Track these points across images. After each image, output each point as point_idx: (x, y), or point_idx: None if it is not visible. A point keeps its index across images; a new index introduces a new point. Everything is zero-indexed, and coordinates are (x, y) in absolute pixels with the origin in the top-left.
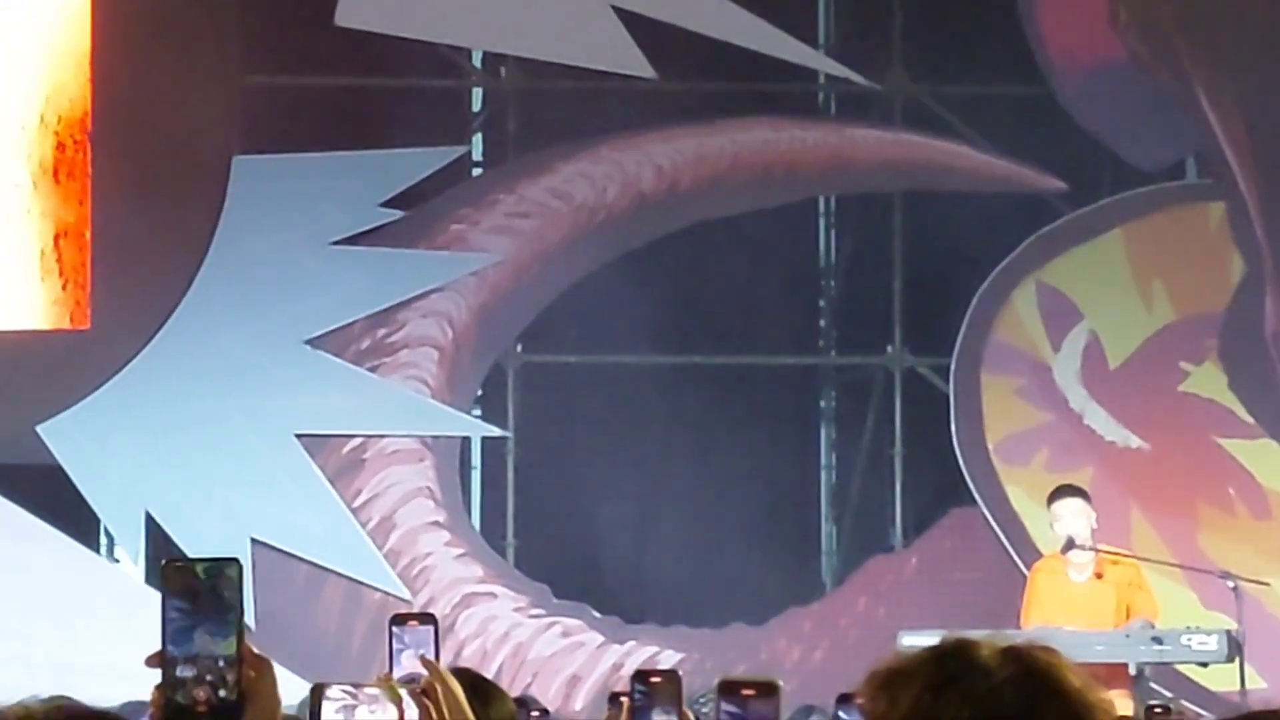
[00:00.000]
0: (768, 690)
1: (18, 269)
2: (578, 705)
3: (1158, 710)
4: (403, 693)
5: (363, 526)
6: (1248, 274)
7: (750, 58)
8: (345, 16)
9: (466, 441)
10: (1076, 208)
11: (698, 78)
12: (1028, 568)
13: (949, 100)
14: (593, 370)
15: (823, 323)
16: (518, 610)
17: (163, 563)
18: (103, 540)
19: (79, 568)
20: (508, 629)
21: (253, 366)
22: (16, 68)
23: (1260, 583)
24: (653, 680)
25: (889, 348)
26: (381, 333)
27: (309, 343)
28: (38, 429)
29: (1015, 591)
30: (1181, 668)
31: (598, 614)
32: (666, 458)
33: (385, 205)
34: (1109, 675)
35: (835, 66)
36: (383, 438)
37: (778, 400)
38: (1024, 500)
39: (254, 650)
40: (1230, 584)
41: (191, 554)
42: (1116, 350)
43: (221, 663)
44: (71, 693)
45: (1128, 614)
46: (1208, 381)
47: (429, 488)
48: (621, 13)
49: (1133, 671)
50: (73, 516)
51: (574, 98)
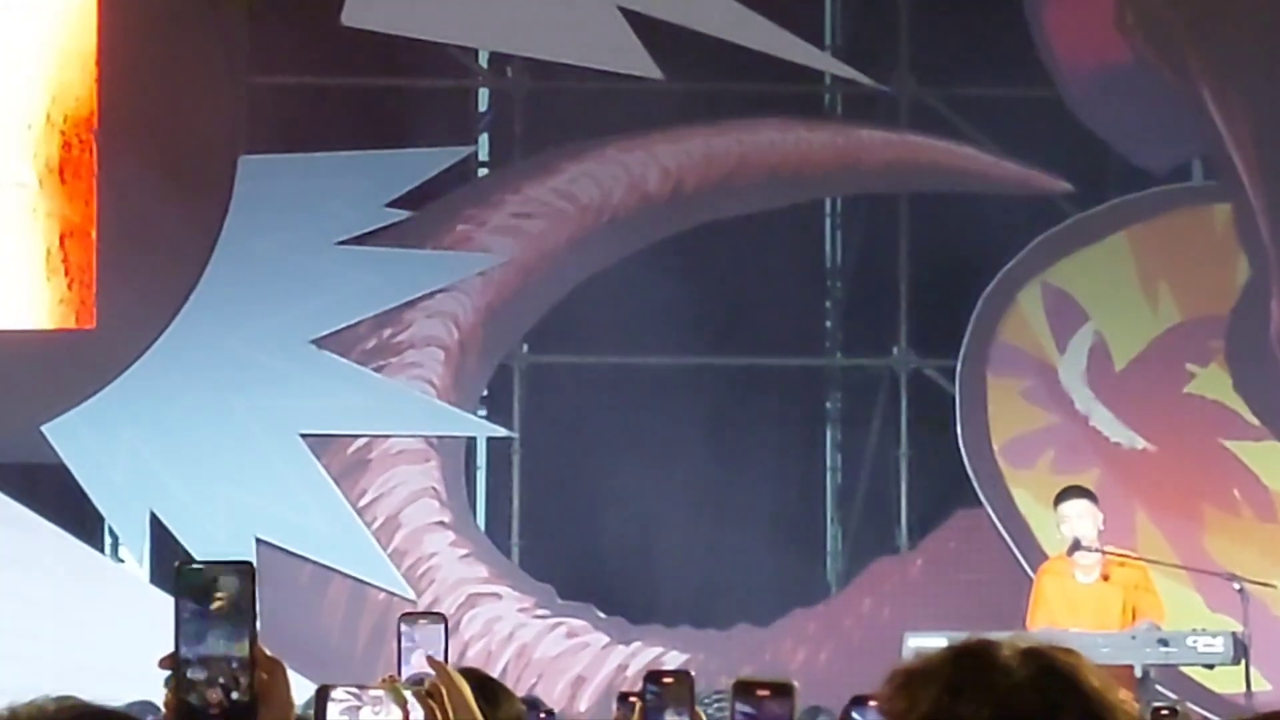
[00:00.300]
0: (783, 691)
1: (24, 268)
2: (582, 706)
3: (1163, 712)
4: (408, 694)
5: (368, 526)
6: (1253, 276)
7: (756, 59)
8: (352, 16)
9: (472, 442)
10: (1082, 209)
11: (704, 78)
12: (1033, 569)
13: (956, 102)
14: (599, 371)
15: (828, 324)
16: (523, 611)
17: (176, 565)
18: (107, 539)
19: (83, 567)
20: (513, 629)
21: (258, 366)
22: (23, 67)
23: (1266, 585)
24: (665, 681)
25: (895, 349)
26: (387, 333)
27: (315, 342)
28: (43, 428)
29: (1021, 593)
30: (1187, 670)
31: (603, 615)
32: (672, 458)
33: (391, 205)
34: (1114, 677)
35: (842, 68)
36: (388, 438)
37: (783, 401)
38: (1029, 502)
39: (267, 653)
40: (1236, 586)
41: (195, 553)
42: (1122, 352)
43: (234, 665)
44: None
45: (1133, 616)
46: (1213, 383)
47: (434, 488)
48: (628, 13)
49: (1138, 674)
50: (77, 516)
51: (580, 98)
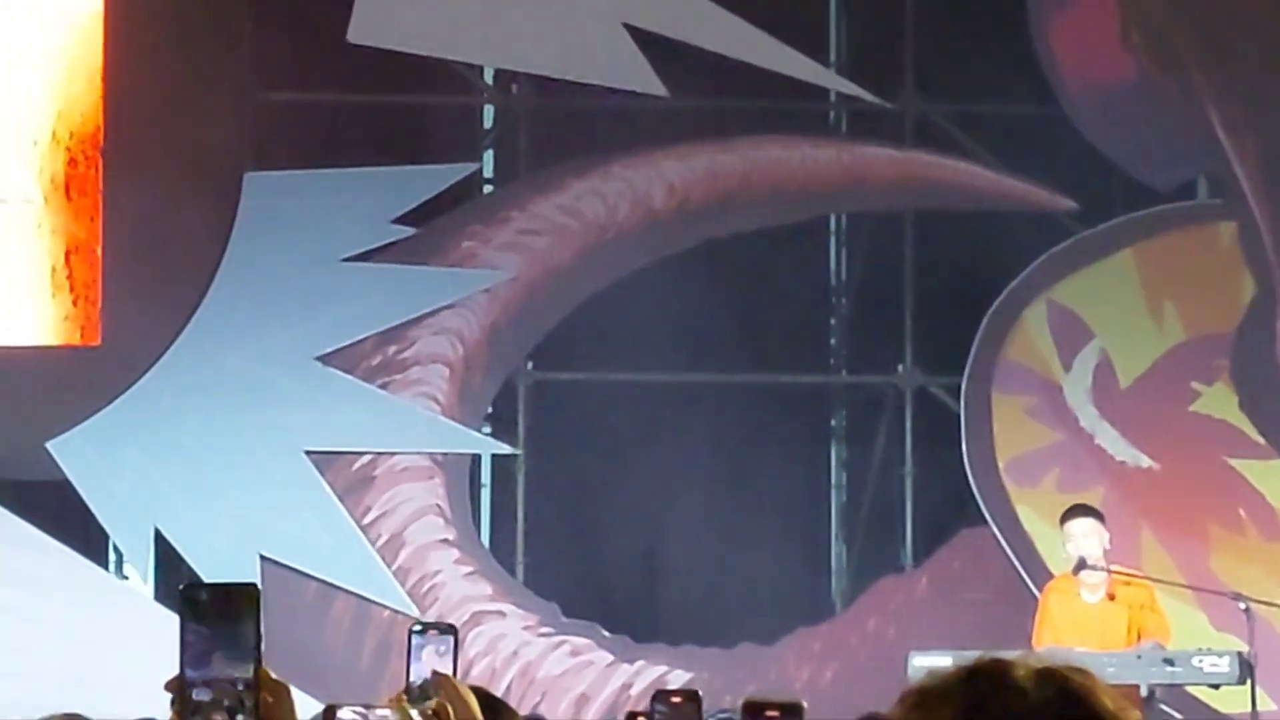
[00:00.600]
0: (792, 711)
1: (29, 285)
2: None
3: None
4: (414, 714)
5: (372, 544)
6: (1259, 294)
7: (762, 75)
8: (358, 33)
9: (477, 459)
10: (1087, 227)
11: (709, 95)
12: (1038, 588)
13: (961, 119)
14: (604, 388)
15: (833, 341)
16: (527, 628)
17: (181, 587)
18: (112, 557)
19: (88, 584)
20: (517, 647)
21: (263, 383)
22: (29, 83)
23: (1272, 604)
24: (674, 700)
25: (900, 367)
26: (392, 349)
27: (320, 359)
28: (47, 445)
29: (1026, 612)
30: (1193, 690)
31: (607, 633)
32: (677, 476)
33: (397, 222)
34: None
35: (847, 85)
36: (393, 455)
37: (788, 419)
38: (1035, 520)
39: (271, 675)
40: (1242, 605)
41: (200, 570)
42: (1127, 370)
43: (240, 686)
44: (81, 709)
45: (1139, 636)
46: (1219, 402)
47: (439, 505)
48: (633, 30)
49: (1144, 693)
50: (82, 533)
51: (585, 115)
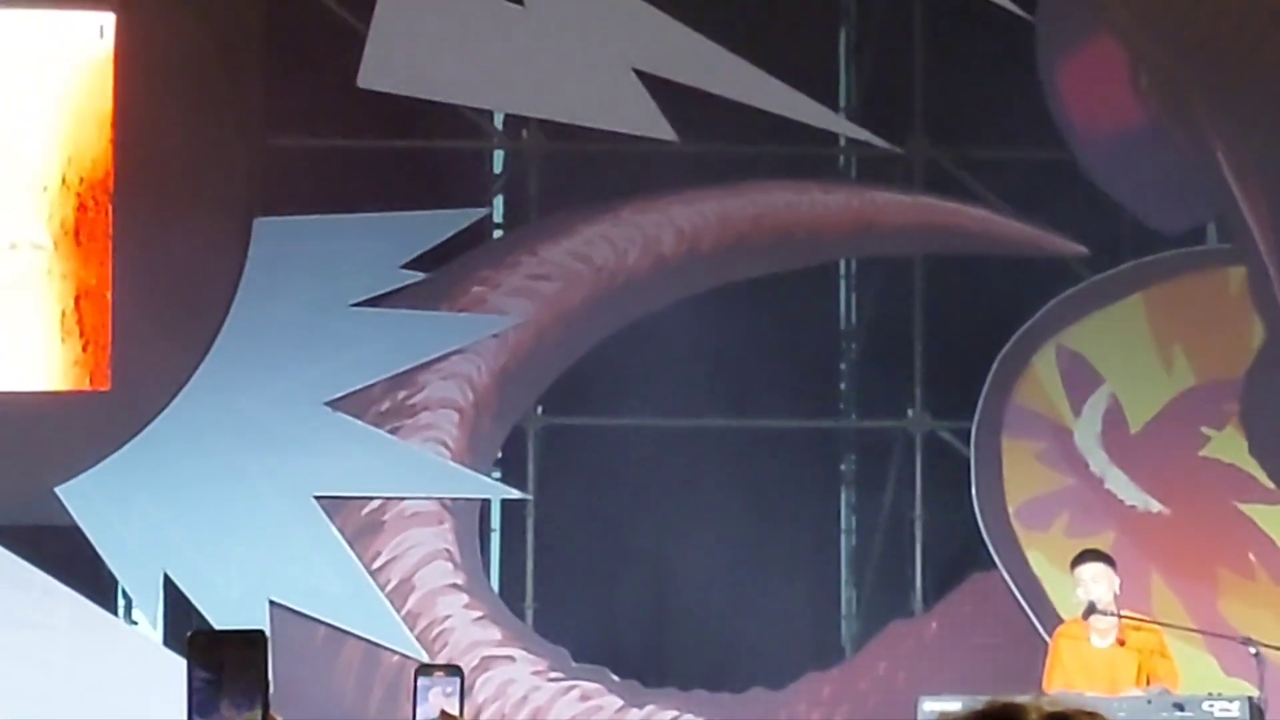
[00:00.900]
0: None
1: (39, 330)
2: None
3: None
4: None
5: (381, 588)
6: (1268, 339)
7: (771, 120)
8: (367, 79)
9: (486, 504)
10: (1097, 272)
11: (719, 140)
12: (1048, 633)
13: (970, 164)
14: (614, 433)
15: (843, 386)
16: (536, 673)
17: (189, 634)
18: (120, 602)
19: (97, 629)
20: (526, 692)
21: (272, 428)
22: (38, 129)
23: None
24: None
25: (910, 411)
26: (402, 394)
27: (329, 404)
28: (56, 490)
29: (1036, 656)
30: None
31: (617, 678)
32: (687, 521)
33: (406, 267)
34: None
35: (856, 130)
36: (402, 500)
37: (798, 463)
38: (1044, 565)
39: None
40: (1252, 650)
41: (209, 615)
42: (1137, 414)
43: None
44: None
45: (1148, 681)
46: (1228, 446)
47: (448, 550)
48: (643, 75)
49: None
50: (91, 578)
51: (595, 160)
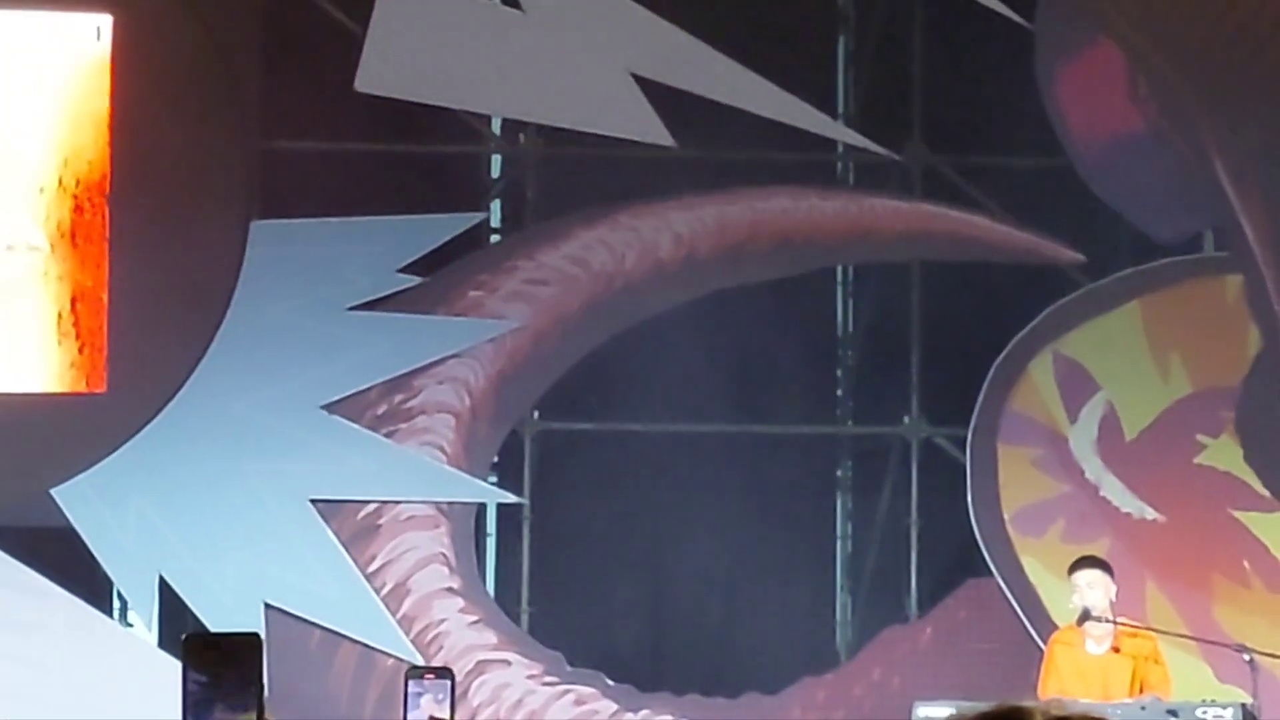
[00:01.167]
0: None
1: (35, 332)
2: None
3: None
4: None
5: (377, 592)
6: (1265, 347)
7: (769, 127)
8: (365, 82)
9: (482, 508)
10: (1094, 279)
11: (717, 146)
12: (1043, 639)
13: (968, 171)
14: (610, 438)
15: (840, 392)
16: (531, 678)
17: (184, 637)
18: (116, 604)
19: (92, 631)
20: (521, 696)
21: (268, 431)
22: (35, 130)
23: (1276, 656)
24: None
25: (906, 418)
26: (398, 398)
27: (325, 408)
28: (52, 492)
29: (1030, 663)
30: None
31: (612, 682)
32: (682, 525)
33: (403, 271)
34: None
35: (854, 136)
36: (398, 504)
37: (794, 469)
38: (1039, 571)
39: None
40: (1246, 657)
41: (204, 618)
42: (1133, 422)
43: None
44: None
45: (1141, 688)
46: (1224, 454)
47: (444, 554)
48: (641, 81)
49: None
50: (86, 580)
51: (593, 165)
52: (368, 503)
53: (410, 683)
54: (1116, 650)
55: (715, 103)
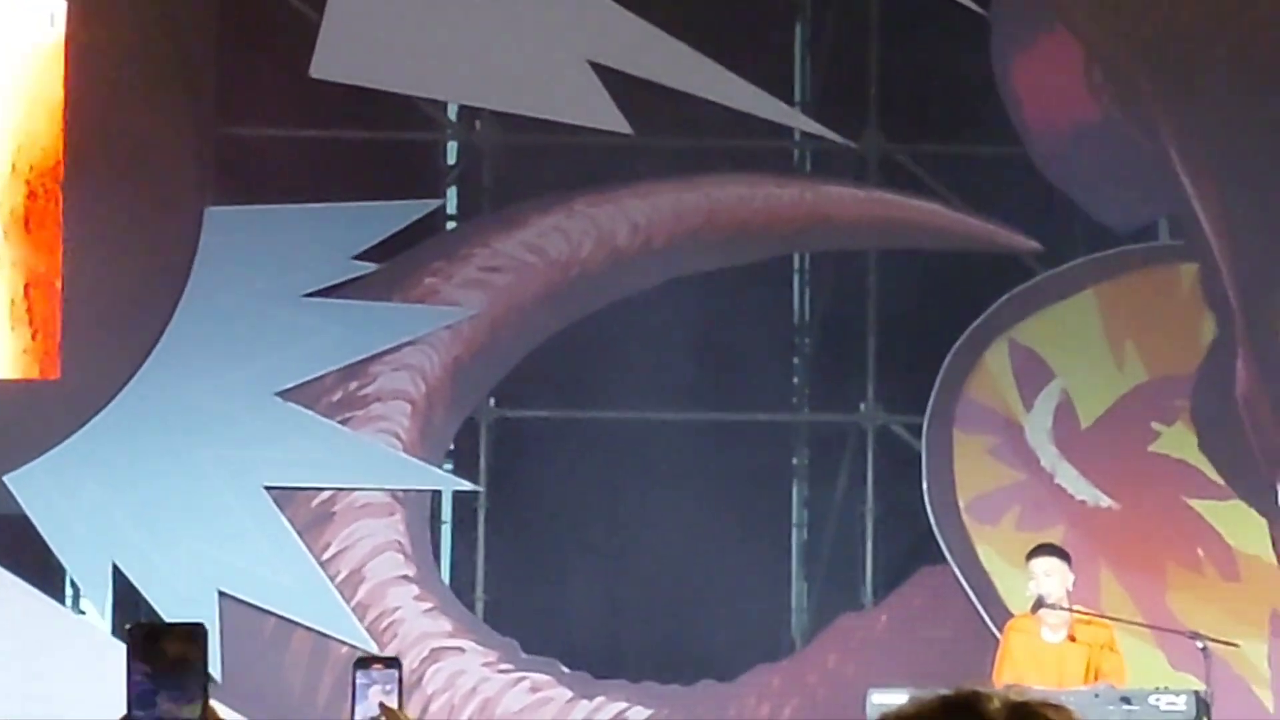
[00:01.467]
0: None
1: None
2: None
3: None
4: None
5: (331, 580)
6: (1219, 335)
7: (726, 114)
8: (321, 69)
9: (437, 495)
10: (1050, 268)
11: (674, 133)
12: (998, 627)
13: (924, 159)
14: (566, 425)
15: (796, 379)
16: (486, 665)
17: (128, 626)
18: (69, 591)
19: (44, 618)
20: (476, 684)
21: (223, 418)
22: None
23: (1229, 644)
24: None
25: (862, 405)
26: (353, 385)
27: (280, 395)
28: (5, 478)
29: (985, 650)
30: None
31: (567, 669)
32: (638, 513)
33: (358, 258)
34: None
35: (811, 124)
36: (353, 491)
37: (750, 456)
38: (994, 559)
39: (219, 715)
40: (1199, 645)
41: (158, 606)
42: (1088, 410)
43: None
44: None
45: (1096, 676)
46: (1178, 442)
47: (399, 541)
48: (598, 68)
49: None
50: (39, 567)
51: (550, 152)
52: (322, 490)
53: (358, 673)
54: (1072, 639)
55: (672, 90)
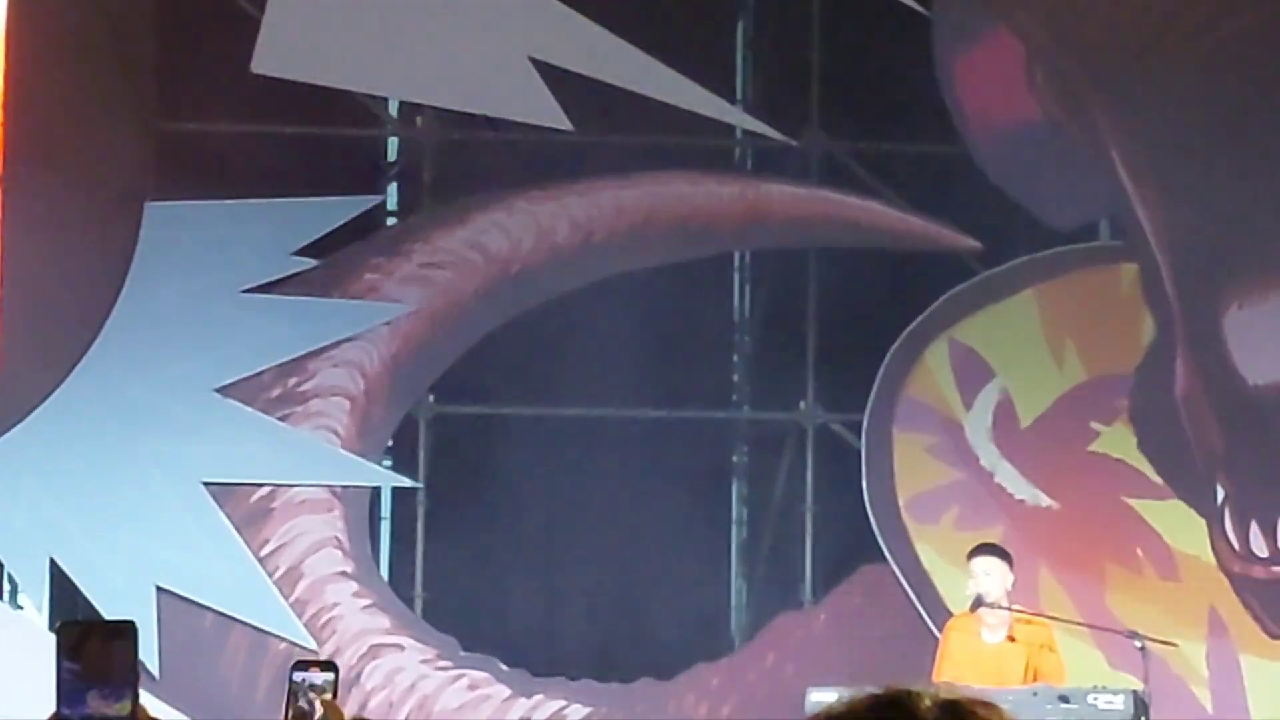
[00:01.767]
0: None
1: None
2: None
3: None
4: None
5: (269, 576)
6: (1159, 335)
7: (667, 111)
8: (261, 64)
9: (376, 492)
10: (990, 266)
11: (614, 130)
12: (937, 626)
13: (865, 157)
14: (505, 422)
15: (736, 377)
16: (425, 662)
17: (58, 625)
18: (6, 587)
19: None
20: (414, 680)
21: (161, 414)
22: None
23: (1167, 643)
24: None
25: (802, 403)
26: (292, 381)
27: (219, 390)
28: None
29: (924, 649)
30: None
31: (505, 667)
32: (577, 510)
33: (298, 254)
34: None
35: (752, 122)
36: (291, 487)
37: (690, 454)
38: (934, 558)
39: (149, 713)
40: (1137, 644)
41: (96, 601)
42: (1028, 409)
43: None
44: None
45: (1035, 677)
46: (1118, 441)
47: (337, 538)
48: (539, 64)
49: None
50: None
51: (490, 149)
52: (261, 486)
53: (295, 674)
54: (1011, 639)
55: (613, 87)
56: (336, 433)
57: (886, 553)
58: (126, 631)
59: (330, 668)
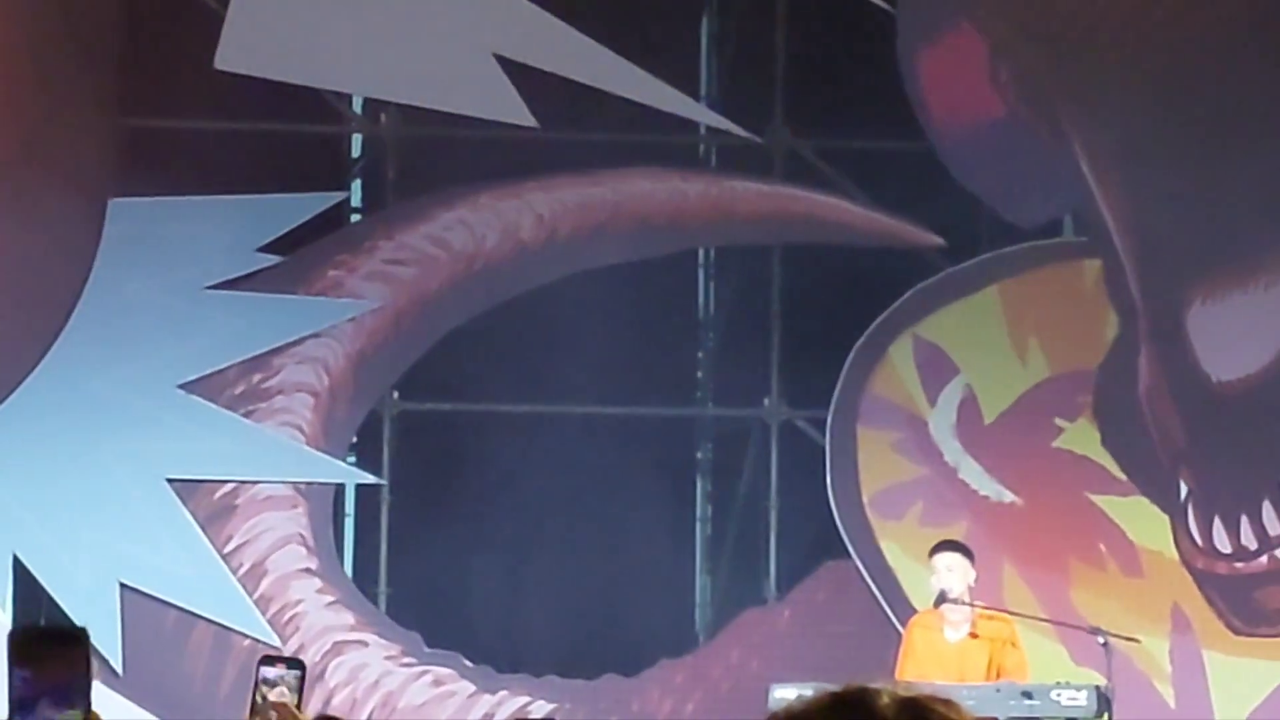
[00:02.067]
0: None
1: None
2: None
3: None
4: None
5: (233, 572)
6: (1122, 331)
7: (632, 108)
8: (225, 60)
9: (341, 488)
10: (954, 263)
11: (579, 127)
12: (901, 622)
13: (829, 154)
14: (469, 418)
15: (700, 374)
16: (389, 659)
17: (9, 632)
18: None
19: None
20: (378, 677)
21: (125, 410)
22: None
23: (1130, 639)
24: None
25: (766, 400)
26: (257, 378)
27: (182, 387)
28: None
29: (888, 645)
30: None
31: (469, 663)
32: (541, 507)
33: (262, 250)
34: None
35: (716, 119)
36: (256, 484)
37: (654, 451)
38: (898, 554)
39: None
40: (1100, 640)
41: (60, 598)
42: (992, 405)
43: None
44: None
45: (998, 673)
46: (1081, 438)
47: (301, 534)
48: (503, 61)
49: None
50: None
51: (454, 145)
52: (225, 482)
53: (262, 669)
54: (974, 635)
55: (578, 84)
56: (301, 429)
57: (851, 549)
58: (78, 638)
59: (297, 664)
